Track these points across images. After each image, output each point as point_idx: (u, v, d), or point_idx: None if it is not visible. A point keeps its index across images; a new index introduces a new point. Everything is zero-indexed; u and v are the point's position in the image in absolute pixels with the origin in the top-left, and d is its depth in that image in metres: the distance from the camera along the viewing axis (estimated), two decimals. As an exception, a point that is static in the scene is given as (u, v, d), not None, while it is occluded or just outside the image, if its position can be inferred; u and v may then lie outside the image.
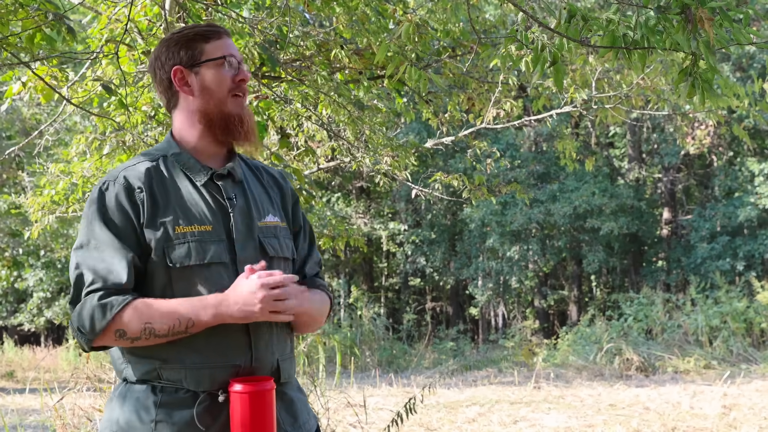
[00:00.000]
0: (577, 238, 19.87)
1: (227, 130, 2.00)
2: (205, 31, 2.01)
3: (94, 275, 1.87)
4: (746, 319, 13.66)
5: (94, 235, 1.90)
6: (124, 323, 1.84)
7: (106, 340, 1.87)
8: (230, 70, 2.00)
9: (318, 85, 4.70)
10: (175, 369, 1.88)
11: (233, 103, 2.00)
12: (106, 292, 1.86)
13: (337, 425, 6.47)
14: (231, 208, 1.98)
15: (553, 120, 14.54)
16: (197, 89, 1.99)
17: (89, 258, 1.89)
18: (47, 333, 24.27)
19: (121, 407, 1.91)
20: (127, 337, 1.85)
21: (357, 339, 15.27)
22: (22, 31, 3.29)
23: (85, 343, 1.89)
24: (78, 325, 1.87)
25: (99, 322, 1.84)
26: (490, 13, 14.32)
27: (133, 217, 1.91)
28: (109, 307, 1.84)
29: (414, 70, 3.33)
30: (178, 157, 2.00)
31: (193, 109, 2.01)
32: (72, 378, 6.02)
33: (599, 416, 7.69)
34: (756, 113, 6.31)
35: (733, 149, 19.46)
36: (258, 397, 1.85)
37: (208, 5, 4.32)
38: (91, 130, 5.72)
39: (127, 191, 1.92)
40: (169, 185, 1.96)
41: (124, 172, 1.96)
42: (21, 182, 17.09)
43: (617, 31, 2.16)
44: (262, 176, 2.14)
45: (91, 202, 1.94)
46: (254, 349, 1.93)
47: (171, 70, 2.00)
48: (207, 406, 1.88)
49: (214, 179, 2.00)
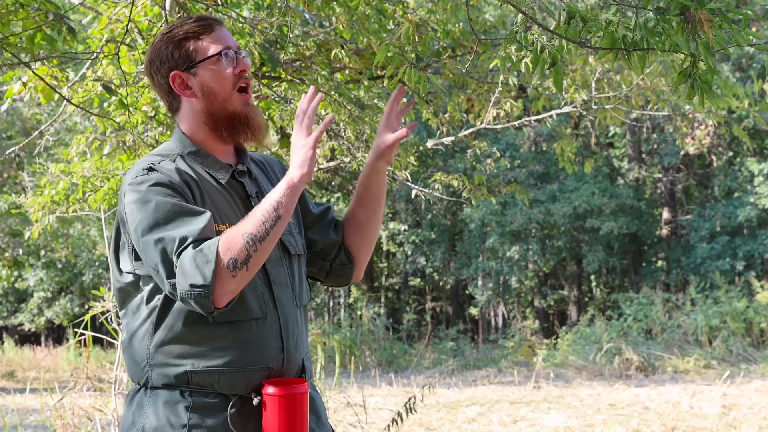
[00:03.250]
0: (577, 238, 19.87)
1: (233, 130, 1.94)
2: (195, 27, 1.92)
3: (178, 238, 1.74)
4: (746, 319, 13.66)
5: (159, 209, 1.78)
6: (230, 249, 1.73)
7: (224, 282, 1.73)
8: (229, 63, 1.92)
9: (318, 85, 4.71)
10: (207, 372, 1.83)
11: (238, 100, 1.93)
12: (196, 242, 1.75)
13: (337, 425, 6.47)
14: (255, 206, 1.93)
15: (553, 120, 14.53)
16: (199, 91, 1.92)
17: (165, 230, 1.76)
18: (47, 333, 24.27)
19: (146, 413, 1.85)
20: (239, 262, 1.73)
21: (357, 339, 15.27)
22: (22, 31, 3.29)
23: (207, 300, 1.73)
24: (189, 285, 1.72)
25: (207, 266, 1.71)
26: (490, 14, 14.33)
27: (188, 192, 1.83)
28: (207, 247, 1.73)
29: (414, 72, 3.33)
30: (196, 156, 1.93)
31: (198, 111, 1.94)
32: (72, 378, 6.01)
33: (599, 416, 7.69)
34: (756, 113, 6.31)
35: (733, 149, 19.47)
36: (293, 399, 1.83)
37: (208, 5, 4.32)
38: (91, 130, 5.73)
39: (169, 175, 1.83)
40: (197, 183, 1.89)
41: (152, 165, 1.86)
42: (21, 182, 17.10)
43: (617, 32, 2.16)
44: (267, 169, 2.11)
45: (139, 184, 1.81)
46: (286, 351, 1.91)
47: (169, 75, 1.93)
48: (239, 409, 1.85)
49: (235, 176, 1.96)
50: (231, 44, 1.94)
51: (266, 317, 1.89)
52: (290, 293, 1.97)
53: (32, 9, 3.22)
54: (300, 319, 1.99)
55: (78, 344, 9.83)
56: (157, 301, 1.85)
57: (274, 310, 1.91)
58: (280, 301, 1.93)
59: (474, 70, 5.60)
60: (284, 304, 1.94)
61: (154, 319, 1.85)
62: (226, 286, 1.73)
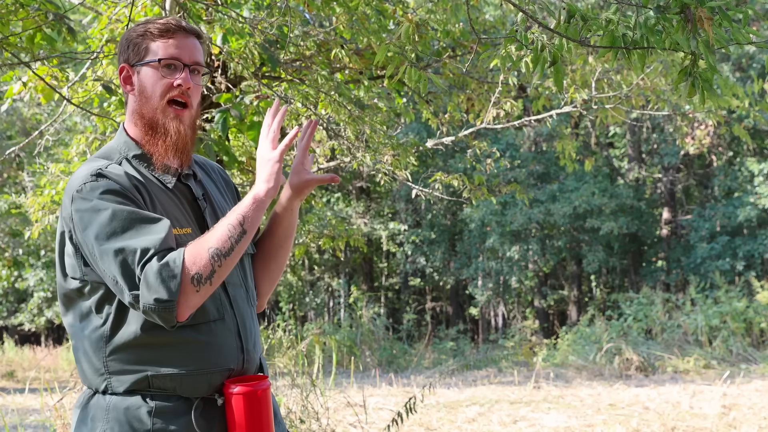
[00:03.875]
0: (577, 238, 19.87)
1: (149, 137, 1.90)
2: (157, 28, 1.89)
3: (140, 249, 1.72)
4: (746, 319, 13.66)
5: (116, 217, 1.75)
6: (195, 264, 1.72)
7: (188, 297, 1.72)
8: (168, 72, 1.88)
9: (318, 85, 4.71)
10: (168, 377, 1.82)
11: (166, 111, 1.88)
12: (161, 253, 1.73)
13: (337, 425, 6.47)
14: (203, 209, 1.95)
15: (553, 120, 14.54)
16: (137, 89, 1.91)
17: (124, 240, 1.73)
18: (47, 333, 24.27)
19: (105, 420, 1.82)
20: (204, 278, 1.73)
21: (357, 339, 15.27)
22: (22, 31, 3.29)
23: (170, 313, 1.72)
24: (154, 299, 1.70)
25: (173, 281, 1.70)
26: (490, 14, 14.33)
27: (140, 200, 1.81)
28: (172, 261, 1.71)
29: (414, 71, 3.33)
30: (141, 159, 1.91)
31: (132, 109, 1.93)
32: (72, 378, 6.02)
33: (599, 416, 7.69)
34: (756, 113, 6.32)
35: (733, 149, 19.47)
36: (258, 396, 1.85)
37: (208, 5, 4.32)
38: (91, 130, 5.73)
39: (119, 180, 1.81)
40: (145, 187, 1.86)
41: (99, 171, 1.82)
42: (21, 182, 17.10)
43: (617, 31, 2.16)
44: (209, 172, 2.09)
45: (89, 191, 1.78)
46: (245, 351, 1.91)
47: (119, 67, 1.94)
48: (202, 411, 1.85)
49: (181, 179, 1.95)
50: (184, 56, 1.90)
51: (224, 318, 1.89)
52: (244, 293, 1.97)
53: (32, 9, 3.22)
54: (254, 318, 2.00)
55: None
56: (109, 309, 1.82)
57: (231, 311, 1.91)
58: (236, 302, 1.93)
59: (474, 69, 5.60)
60: (240, 304, 1.94)
61: (108, 326, 1.82)
62: (189, 301, 1.73)
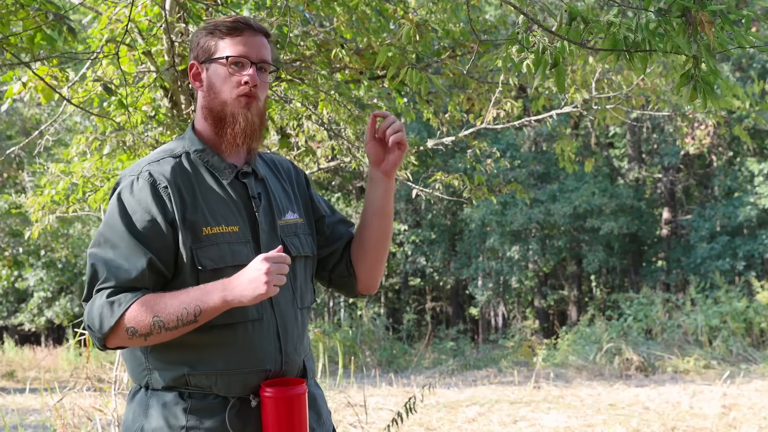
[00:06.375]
0: (577, 238, 19.87)
1: (218, 128, 1.93)
2: (225, 26, 1.94)
3: (107, 273, 1.80)
4: (746, 319, 13.66)
5: (112, 233, 1.83)
6: (134, 320, 1.77)
7: (118, 338, 1.80)
8: (237, 70, 1.92)
9: (318, 84, 4.70)
10: (204, 375, 1.84)
11: (236, 102, 1.92)
12: (116, 289, 1.79)
13: (337, 425, 6.47)
14: (256, 208, 1.94)
15: (553, 120, 14.53)
16: (206, 85, 1.95)
17: (104, 255, 1.82)
18: (47, 333, 24.26)
19: (146, 415, 1.87)
20: (139, 334, 1.77)
21: (357, 339, 15.27)
22: (22, 31, 3.29)
23: (98, 342, 1.81)
24: (88, 323, 1.80)
25: (107, 320, 1.77)
26: (490, 14, 14.32)
27: (160, 215, 1.83)
28: (117, 305, 1.77)
29: (415, 73, 3.33)
30: (201, 154, 1.94)
31: (202, 105, 1.97)
32: (72, 378, 6.01)
33: (599, 416, 7.69)
34: (756, 113, 6.31)
35: (733, 149, 19.46)
36: (291, 401, 1.83)
37: (208, 5, 4.31)
38: (91, 130, 5.72)
39: (152, 188, 1.85)
40: (195, 183, 1.90)
41: (149, 167, 1.89)
42: (21, 182, 17.10)
43: (618, 33, 2.16)
44: (277, 170, 2.10)
45: (114, 198, 1.86)
46: (284, 353, 1.91)
47: (188, 64, 1.99)
48: (238, 410, 1.86)
49: (239, 177, 1.96)
50: (251, 54, 1.93)
51: (263, 319, 1.89)
52: (290, 295, 1.96)
53: (32, 9, 3.22)
54: (300, 321, 1.98)
55: (78, 344, 9.82)
56: None
57: (271, 312, 1.91)
58: (278, 303, 1.93)
59: (474, 69, 5.59)
60: (282, 305, 1.93)
61: None
62: (118, 341, 1.81)
